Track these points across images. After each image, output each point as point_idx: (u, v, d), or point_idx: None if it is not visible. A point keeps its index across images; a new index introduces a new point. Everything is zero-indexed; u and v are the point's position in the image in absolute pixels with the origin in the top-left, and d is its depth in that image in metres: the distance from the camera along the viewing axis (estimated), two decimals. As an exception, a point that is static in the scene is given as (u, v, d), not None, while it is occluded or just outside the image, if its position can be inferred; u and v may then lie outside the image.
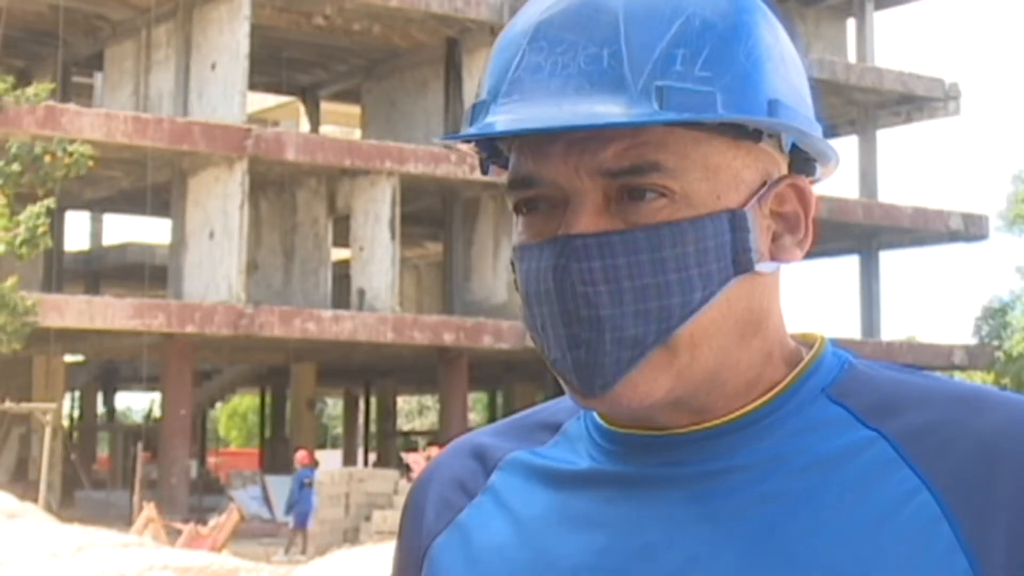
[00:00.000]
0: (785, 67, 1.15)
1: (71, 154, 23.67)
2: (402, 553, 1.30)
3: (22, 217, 23.22)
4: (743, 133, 1.13)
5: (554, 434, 1.25)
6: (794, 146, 1.18)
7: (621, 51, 1.09)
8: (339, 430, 64.03)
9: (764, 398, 1.16)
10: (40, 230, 23.12)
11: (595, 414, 1.21)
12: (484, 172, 1.21)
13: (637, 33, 1.09)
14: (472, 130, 1.12)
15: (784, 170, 1.18)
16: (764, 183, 1.15)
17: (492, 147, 1.19)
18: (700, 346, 1.11)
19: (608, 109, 1.07)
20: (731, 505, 1.12)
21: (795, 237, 1.18)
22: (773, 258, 1.16)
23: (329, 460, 38.64)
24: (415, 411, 74.09)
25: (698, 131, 1.11)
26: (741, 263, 1.12)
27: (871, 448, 1.13)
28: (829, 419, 1.15)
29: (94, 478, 39.19)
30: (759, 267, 1.13)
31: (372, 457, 47.72)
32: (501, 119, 1.10)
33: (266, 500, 33.13)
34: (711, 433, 1.15)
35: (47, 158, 23.66)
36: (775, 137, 1.16)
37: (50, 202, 23.52)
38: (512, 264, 1.17)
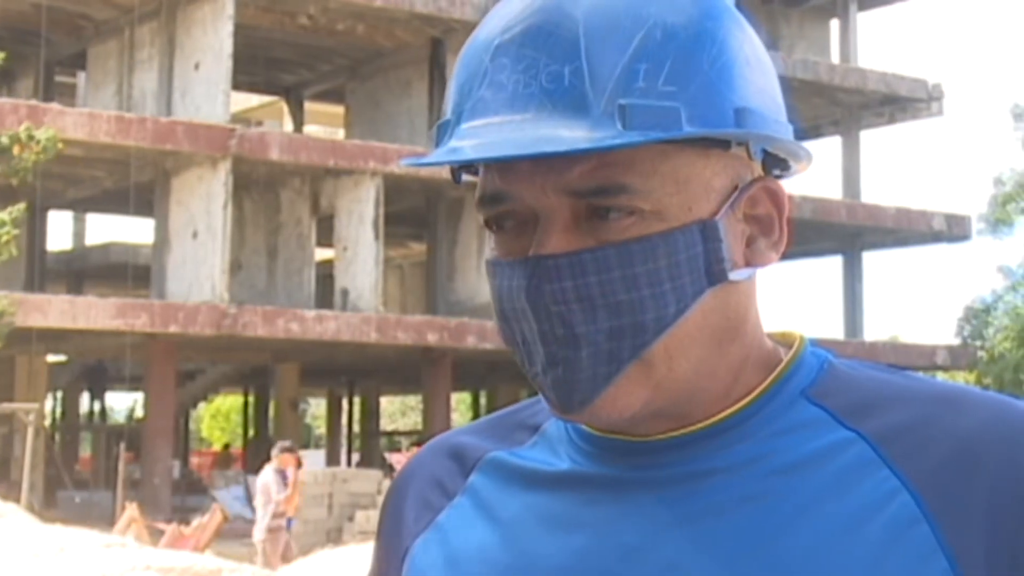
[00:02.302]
0: (752, 70, 1.13)
1: (38, 141, 23.49)
2: (381, 553, 1.30)
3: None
4: (711, 142, 1.11)
5: (533, 434, 1.24)
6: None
7: (583, 68, 1.07)
8: (322, 430, 63.97)
9: (743, 402, 1.16)
10: (4, 239, 22.90)
11: None
12: (456, 181, 1.21)
13: (598, 48, 1.07)
14: (439, 155, 1.11)
15: (756, 172, 1.16)
16: (735, 188, 1.14)
17: None
18: (676, 358, 1.11)
19: (571, 132, 1.06)
20: (711, 507, 1.12)
21: (769, 239, 1.17)
22: (748, 263, 1.15)
23: (312, 460, 38.58)
24: (398, 411, 74.05)
25: (665, 145, 1.09)
26: (714, 274, 1.11)
27: (850, 449, 1.13)
28: (808, 420, 1.15)
29: (77, 478, 39.07)
30: (733, 276, 1.12)
31: (355, 457, 47.67)
32: (467, 144, 1.09)
33: (249, 500, 33.07)
34: (691, 437, 1.15)
35: (15, 148, 23.48)
36: (745, 145, 1.14)
37: (18, 209, 23.32)
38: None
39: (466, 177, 1.20)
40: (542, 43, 1.09)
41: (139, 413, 40.03)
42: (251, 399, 47.95)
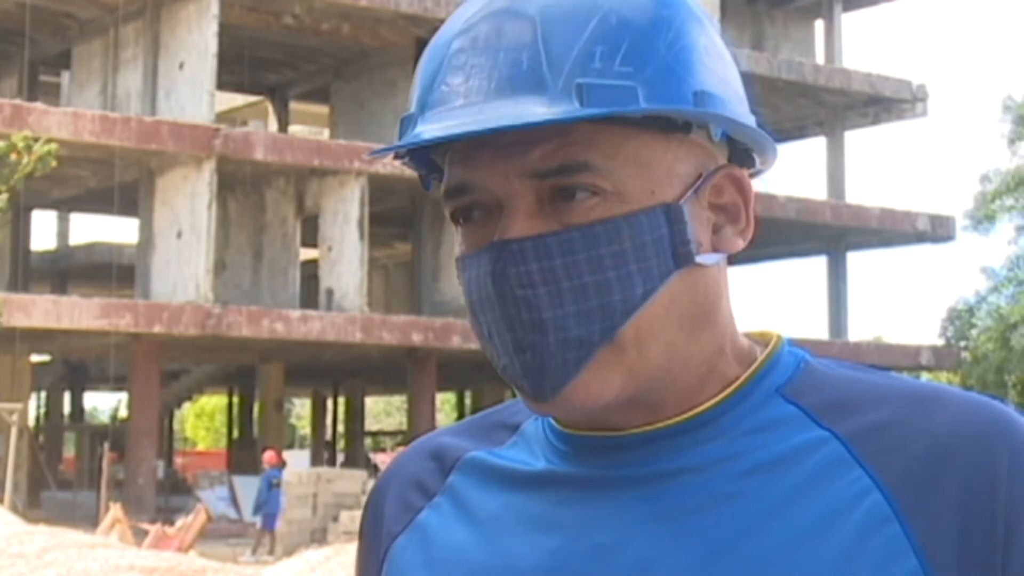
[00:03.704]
0: (711, 59, 1.14)
1: (33, 150, 23.45)
2: (363, 554, 1.30)
3: None
4: (672, 126, 1.12)
5: (512, 434, 1.25)
6: (731, 138, 1.17)
7: (540, 52, 1.09)
8: (306, 430, 63.91)
9: (717, 398, 1.16)
10: None
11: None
12: (426, 188, 1.22)
13: (554, 34, 1.09)
14: (402, 142, 1.12)
15: (720, 162, 1.17)
16: (700, 175, 1.14)
17: (429, 161, 1.19)
18: (647, 341, 1.11)
19: (530, 109, 1.07)
20: (683, 505, 1.12)
21: (736, 227, 1.17)
22: (715, 249, 1.15)
23: (296, 460, 38.56)
24: (383, 411, 74.05)
25: (626, 126, 1.10)
26: (681, 256, 1.11)
27: (823, 448, 1.13)
28: (783, 419, 1.15)
29: (60, 478, 39.00)
30: (700, 259, 1.13)
31: (340, 458, 47.64)
32: (427, 128, 1.11)
33: (233, 501, 33.04)
34: (663, 433, 1.15)
35: (12, 155, 23.47)
36: (706, 128, 1.15)
37: (5, 194, 23.29)
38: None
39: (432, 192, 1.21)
40: (501, 33, 1.11)
41: (123, 413, 39.93)
42: (236, 399, 47.94)
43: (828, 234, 40.56)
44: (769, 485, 1.11)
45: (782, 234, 38.68)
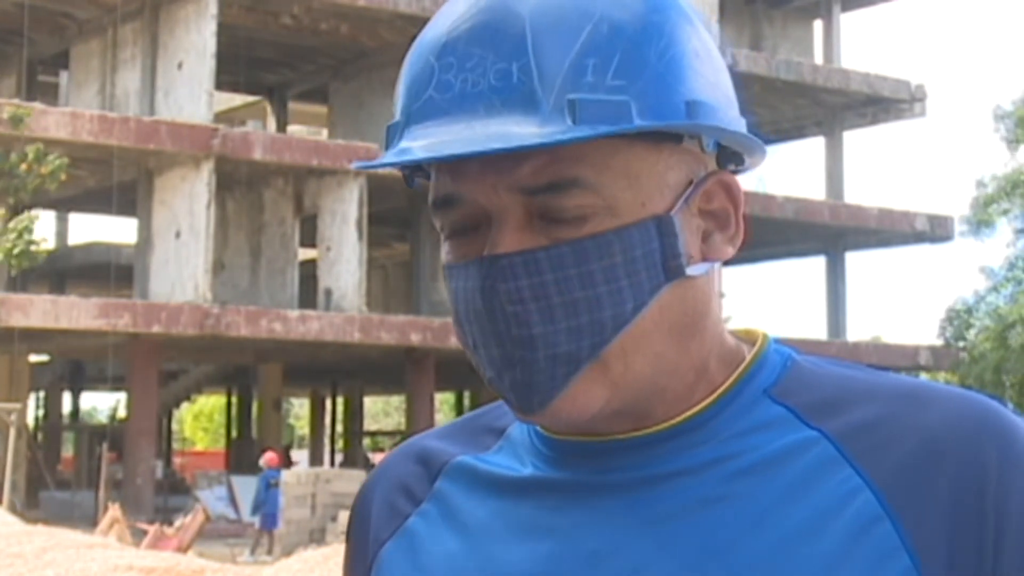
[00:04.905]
0: (701, 63, 1.12)
1: (47, 164, 23.52)
2: (350, 560, 1.30)
3: (11, 225, 23.12)
4: (663, 136, 1.10)
5: (499, 438, 1.24)
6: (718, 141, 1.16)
7: (530, 65, 1.06)
8: (305, 430, 63.87)
9: (705, 402, 1.15)
10: (23, 248, 22.98)
11: None
12: (409, 185, 1.20)
13: (546, 44, 1.06)
14: (389, 157, 1.10)
15: (710, 167, 1.15)
16: (690, 183, 1.13)
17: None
18: (633, 355, 1.10)
19: (521, 128, 1.04)
20: (673, 509, 1.11)
21: (726, 234, 1.15)
22: (704, 258, 1.13)
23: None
24: (382, 411, 74.03)
25: (617, 139, 1.08)
26: (672, 269, 1.10)
27: (813, 448, 1.12)
28: (772, 420, 1.14)
29: (59, 479, 38.98)
30: (690, 271, 1.11)
31: (339, 458, 47.64)
32: (416, 144, 1.08)
33: (232, 501, 33.03)
34: (652, 438, 1.14)
35: (23, 167, 23.51)
36: (697, 138, 1.13)
37: (29, 218, 23.40)
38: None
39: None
40: (488, 41, 1.08)
41: (122, 413, 39.92)
42: (234, 399, 47.91)
43: (826, 234, 40.56)
44: (759, 487, 1.11)
45: (780, 234, 38.69)
